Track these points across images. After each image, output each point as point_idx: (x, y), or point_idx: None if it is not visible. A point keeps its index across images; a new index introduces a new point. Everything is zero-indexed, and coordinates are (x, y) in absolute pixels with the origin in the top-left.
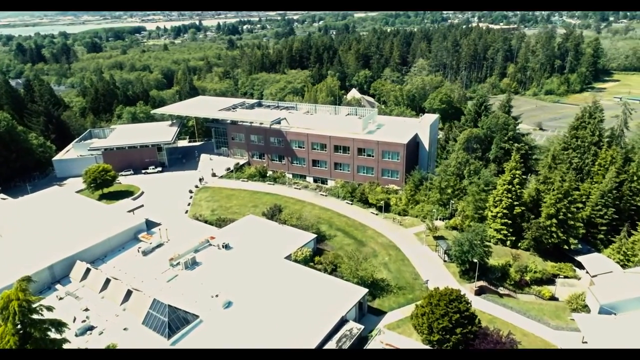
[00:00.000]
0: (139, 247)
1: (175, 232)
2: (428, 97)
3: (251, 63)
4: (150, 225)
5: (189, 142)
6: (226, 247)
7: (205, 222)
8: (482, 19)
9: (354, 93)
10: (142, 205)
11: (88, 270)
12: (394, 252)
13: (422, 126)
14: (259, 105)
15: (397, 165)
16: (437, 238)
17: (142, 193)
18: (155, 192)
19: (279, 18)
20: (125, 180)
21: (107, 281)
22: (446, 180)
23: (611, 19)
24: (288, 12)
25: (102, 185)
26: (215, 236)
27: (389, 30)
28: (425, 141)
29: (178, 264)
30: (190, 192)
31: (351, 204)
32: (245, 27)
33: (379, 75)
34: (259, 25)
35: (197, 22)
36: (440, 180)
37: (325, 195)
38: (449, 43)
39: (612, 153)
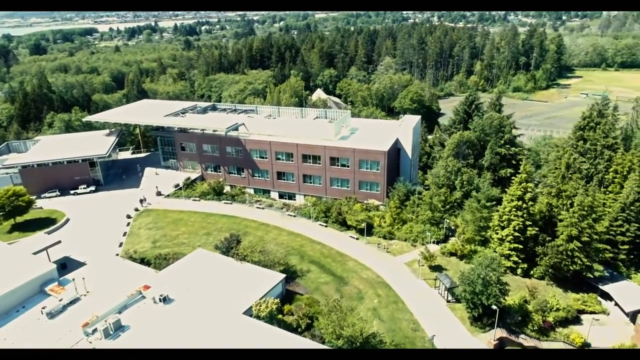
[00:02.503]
0: (44, 307)
1: (100, 279)
2: (397, 96)
3: (208, 63)
4: (71, 266)
5: (133, 153)
6: (164, 300)
7: (142, 260)
8: (442, 18)
9: (319, 93)
10: (58, 242)
11: None
12: (384, 291)
13: (404, 130)
14: (214, 109)
15: (377, 177)
16: (434, 268)
17: (67, 220)
18: (84, 218)
19: (238, 19)
20: (49, 204)
21: None
22: (437, 194)
23: (564, 17)
24: (248, 12)
25: (13, 214)
26: (150, 285)
27: (352, 28)
28: (408, 147)
29: (95, 330)
30: (129, 217)
31: (326, 226)
32: (203, 27)
33: (344, 75)
34: (217, 26)
35: (153, 24)
36: (432, 195)
37: (294, 216)
38: (414, 41)
39: (631, 158)
